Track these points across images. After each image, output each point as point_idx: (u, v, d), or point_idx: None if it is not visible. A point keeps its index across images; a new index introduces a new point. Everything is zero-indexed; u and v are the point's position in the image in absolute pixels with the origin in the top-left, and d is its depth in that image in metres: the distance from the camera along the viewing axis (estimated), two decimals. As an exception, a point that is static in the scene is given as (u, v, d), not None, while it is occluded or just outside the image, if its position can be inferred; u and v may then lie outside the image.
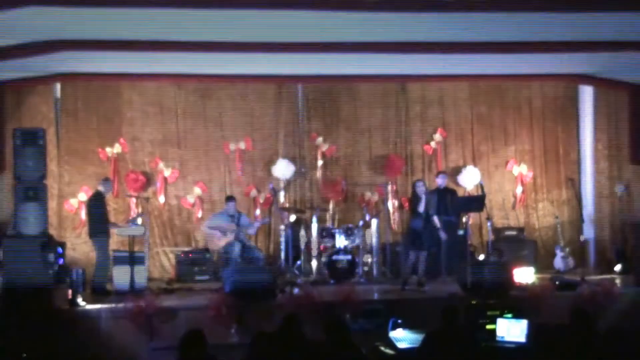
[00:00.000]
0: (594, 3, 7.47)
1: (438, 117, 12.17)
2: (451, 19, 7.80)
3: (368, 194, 11.93)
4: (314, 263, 10.73)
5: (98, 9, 7.29)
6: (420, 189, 9.85)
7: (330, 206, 11.76)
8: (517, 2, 7.52)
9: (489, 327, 7.01)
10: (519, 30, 8.42)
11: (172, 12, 7.43)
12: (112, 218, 10.65)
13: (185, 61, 9.66)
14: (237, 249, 10.22)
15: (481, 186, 10.79)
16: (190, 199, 11.62)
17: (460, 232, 10.92)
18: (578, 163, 12.31)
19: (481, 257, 11.21)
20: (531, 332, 6.63)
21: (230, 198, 10.71)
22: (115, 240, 10.57)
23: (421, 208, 9.75)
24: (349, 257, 10.30)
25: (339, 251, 10.38)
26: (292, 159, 11.78)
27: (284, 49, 8.91)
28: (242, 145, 11.71)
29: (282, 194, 11.62)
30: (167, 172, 11.58)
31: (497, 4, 7.46)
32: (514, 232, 11.75)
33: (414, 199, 9.96)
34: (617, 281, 10.29)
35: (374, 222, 10.87)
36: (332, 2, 7.29)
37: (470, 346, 5.92)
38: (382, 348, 6.76)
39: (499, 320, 6.91)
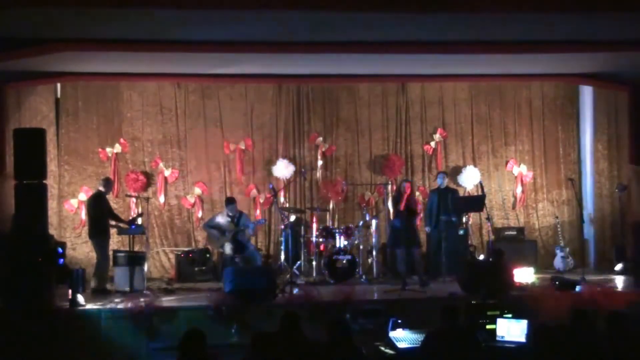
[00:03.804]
0: (594, 3, 7.47)
1: (438, 117, 12.16)
2: (451, 19, 7.81)
3: (368, 194, 11.94)
4: (314, 263, 10.74)
5: (98, 9, 7.30)
6: (405, 189, 9.91)
7: (330, 206, 11.77)
8: (517, 2, 7.52)
9: (489, 327, 7.00)
10: (519, 30, 8.43)
11: (172, 12, 7.44)
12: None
13: (185, 61, 9.67)
14: (229, 249, 10.21)
15: (481, 186, 10.80)
16: (190, 199, 11.62)
17: (460, 232, 10.94)
18: (578, 163, 12.31)
19: (481, 257, 11.21)
20: (531, 332, 6.62)
21: (230, 200, 10.66)
22: (115, 240, 10.59)
23: (402, 207, 9.82)
24: (349, 257, 10.28)
25: (339, 251, 10.36)
26: (292, 159, 11.79)
27: (284, 49, 8.92)
28: (242, 145, 11.72)
29: (282, 194, 11.61)
30: (167, 172, 11.59)
31: (498, 5, 7.47)
32: (514, 232, 11.75)
33: (397, 198, 10.02)
34: (617, 281, 10.30)
35: (374, 222, 10.90)
36: (333, 3, 7.30)
37: (470, 346, 5.92)
38: (382, 348, 6.74)
39: (499, 320, 6.91)
